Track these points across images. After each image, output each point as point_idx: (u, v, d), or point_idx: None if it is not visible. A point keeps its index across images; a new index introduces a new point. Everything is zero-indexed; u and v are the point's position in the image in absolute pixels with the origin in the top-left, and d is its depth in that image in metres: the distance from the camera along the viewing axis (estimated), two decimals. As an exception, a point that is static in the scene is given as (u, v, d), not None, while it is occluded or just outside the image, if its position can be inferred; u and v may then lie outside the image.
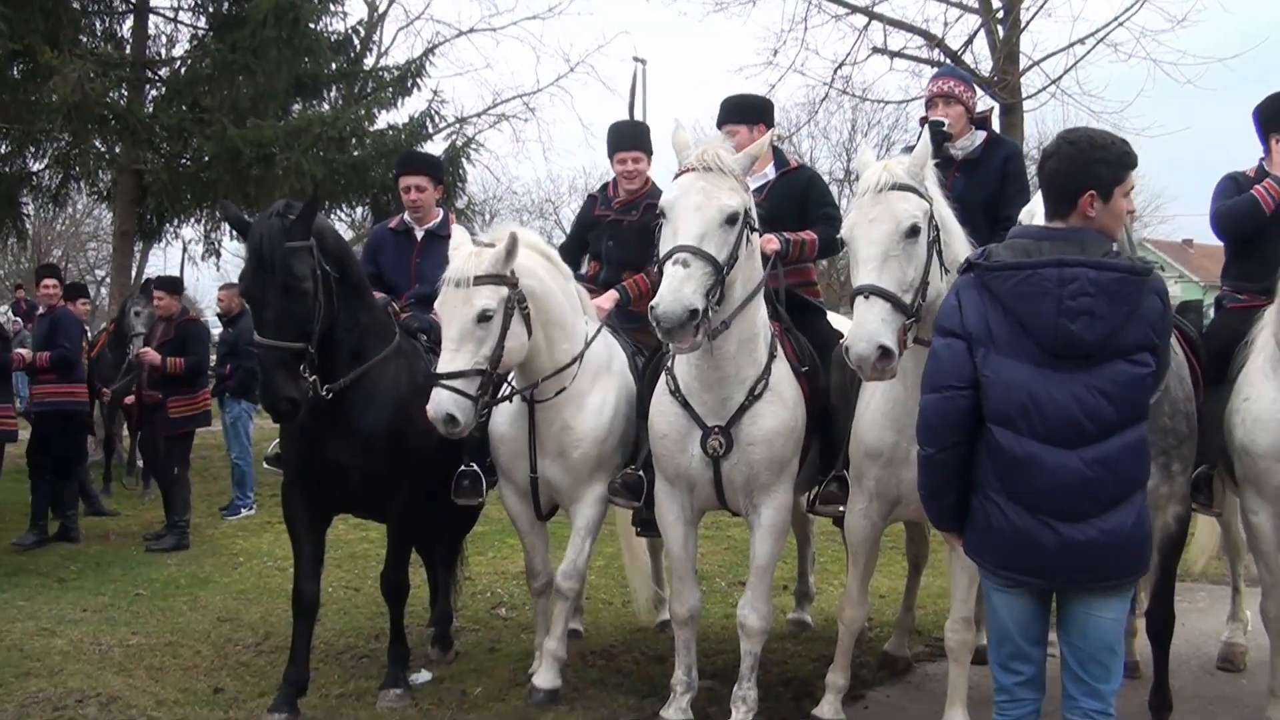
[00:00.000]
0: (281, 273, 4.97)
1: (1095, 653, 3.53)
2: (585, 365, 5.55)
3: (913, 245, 4.15)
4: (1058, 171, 3.54)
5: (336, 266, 5.24)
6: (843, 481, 5.24)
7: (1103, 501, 3.41)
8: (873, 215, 4.16)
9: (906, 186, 4.22)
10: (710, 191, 4.58)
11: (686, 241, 4.47)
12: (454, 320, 4.99)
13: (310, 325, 5.07)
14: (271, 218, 5.07)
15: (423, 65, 17.49)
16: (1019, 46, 17.10)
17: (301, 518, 5.64)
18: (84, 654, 6.51)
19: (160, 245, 22.72)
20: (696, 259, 4.44)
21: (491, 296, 5.01)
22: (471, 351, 4.97)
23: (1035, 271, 3.41)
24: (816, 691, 5.53)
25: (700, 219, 4.52)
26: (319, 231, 5.20)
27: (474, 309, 4.96)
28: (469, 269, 5.00)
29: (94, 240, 36.90)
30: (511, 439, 5.63)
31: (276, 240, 4.99)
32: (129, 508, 11.76)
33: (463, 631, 6.93)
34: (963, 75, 6.27)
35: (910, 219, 4.15)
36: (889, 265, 4.09)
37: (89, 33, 15.90)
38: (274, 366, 5.01)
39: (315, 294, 5.07)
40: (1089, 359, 3.39)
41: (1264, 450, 4.85)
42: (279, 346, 4.99)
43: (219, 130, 14.06)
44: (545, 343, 5.37)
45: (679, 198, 4.60)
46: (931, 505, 3.74)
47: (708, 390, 5.00)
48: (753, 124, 5.79)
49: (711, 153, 4.66)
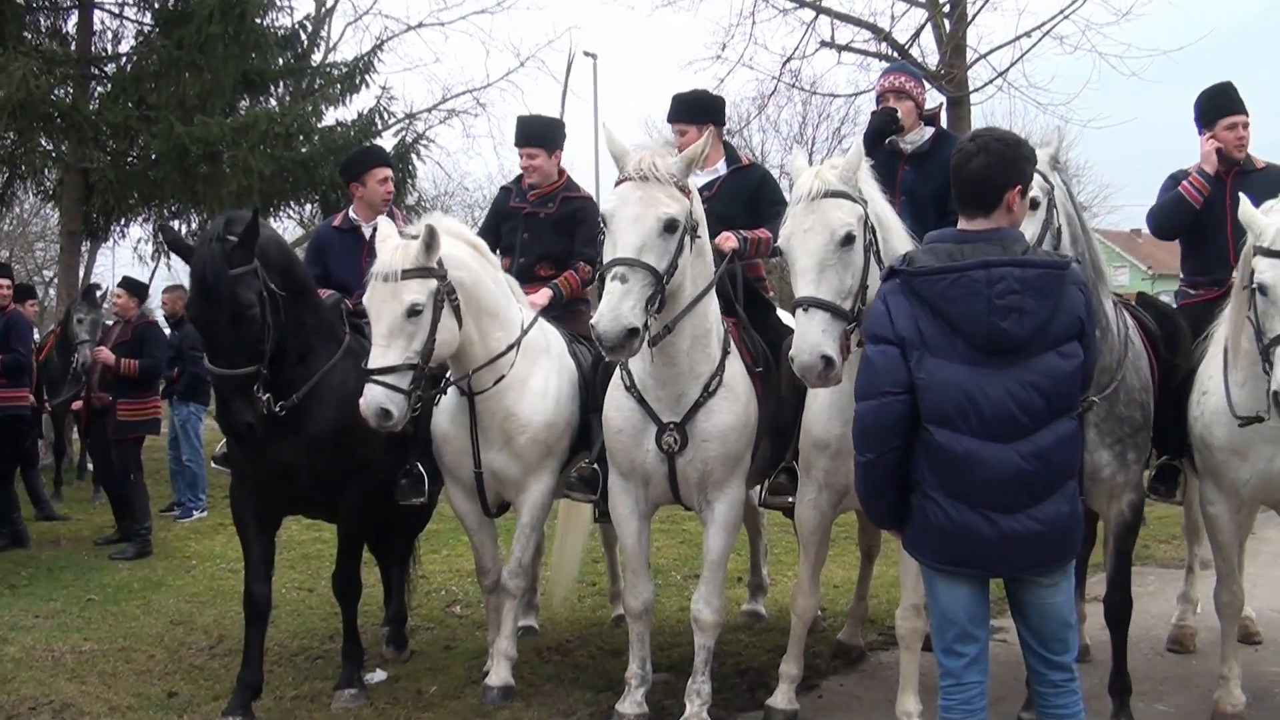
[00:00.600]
0: (228, 302, 4.95)
1: (1054, 631, 3.70)
2: (523, 351, 5.55)
3: (849, 253, 4.19)
4: (988, 168, 3.60)
5: (282, 281, 5.21)
6: (792, 473, 5.30)
7: (1039, 493, 3.53)
8: (807, 225, 4.19)
9: (839, 193, 4.25)
10: (648, 200, 4.58)
11: (625, 254, 4.49)
12: (383, 316, 4.97)
13: (261, 347, 5.07)
14: (212, 243, 5.03)
15: (371, 61, 17.42)
16: (965, 40, 17.24)
17: (251, 519, 5.60)
18: (36, 661, 6.45)
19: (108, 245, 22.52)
20: (634, 272, 4.45)
21: (420, 290, 4.99)
22: (402, 347, 4.96)
23: (963, 274, 3.49)
24: (771, 682, 5.58)
25: (638, 230, 4.52)
26: (262, 248, 5.15)
27: (403, 304, 4.95)
28: (396, 263, 4.97)
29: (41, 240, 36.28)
30: (454, 437, 5.61)
31: (220, 268, 4.95)
32: (80, 512, 11.65)
33: (418, 630, 6.94)
34: (913, 71, 6.35)
35: (844, 227, 4.18)
36: (826, 275, 4.14)
37: (33, 29, 15.69)
38: (230, 393, 5.03)
39: (263, 317, 5.06)
40: (1020, 354, 3.49)
41: (1221, 444, 4.97)
42: (232, 375, 5.01)
43: (165, 128, 13.93)
44: (478, 333, 5.35)
45: (617, 209, 4.60)
46: (872, 506, 3.82)
47: (663, 386, 5.03)
48: (702, 124, 5.79)
49: (648, 161, 4.65)
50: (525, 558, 5.74)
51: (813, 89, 19.97)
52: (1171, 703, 5.64)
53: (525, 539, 5.71)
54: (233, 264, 4.98)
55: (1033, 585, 3.66)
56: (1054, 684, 3.73)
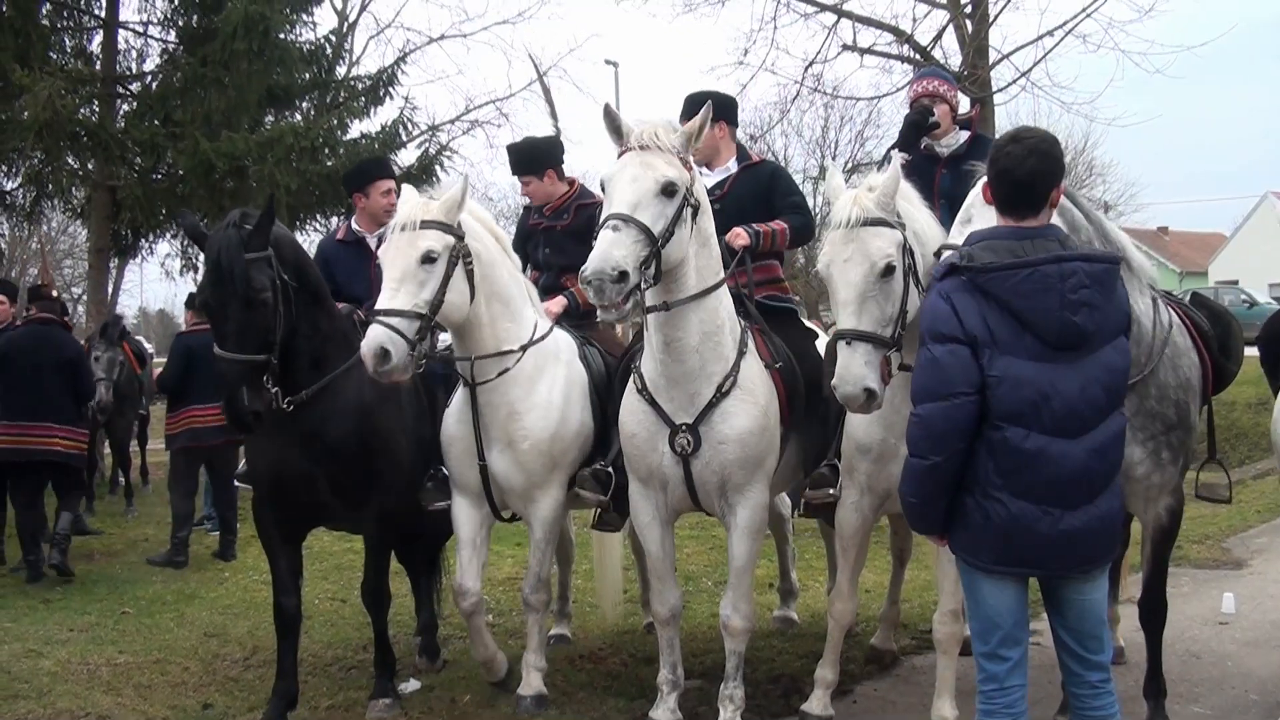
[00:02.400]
0: (241, 284, 4.95)
1: (1092, 630, 3.71)
2: (531, 351, 5.50)
3: (889, 283, 4.23)
4: (1040, 170, 3.61)
5: (295, 275, 5.22)
6: (834, 468, 5.25)
7: (1096, 488, 3.56)
8: (846, 255, 4.22)
9: (878, 220, 4.26)
10: (646, 164, 4.59)
11: (619, 209, 4.48)
12: (396, 261, 4.97)
13: (271, 336, 5.06)
14: (228, 229, 5.05)
15: (394, 73, 17.47)
16: (988, 40, 17.21)
17: (275, 533, 5.61)
18: (72, 674, 6.48)
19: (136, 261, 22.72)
20: (627, 225, 4.44)
21: (436, 240, 5.00)
22: (412, 293, 4.94)
23: (1036, 269, 3.49)
24: (805, 687, 5.56)
25: (634, 188, 4.53)
26: (276, 241, 5.17)
27: (418, 250, 4.95)
28: (416, 214, 5.01)
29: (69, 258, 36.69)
30: (460, 438, 5.55)
31: (235, 252, 4.96)
32: (113, 526, 11.71)
33: (450, 639, 6.94)
34: (945, 75, 6.36)
35: (885, 258, 4.20)
36: (867, 306, 4.18)
37: (59, 49, 15.84)
38: (237, 380, 4.99)
39: (275, 305, 5.06)
40: (1085, 349, 3.51)
41: None
42: (241, 360, 4.99)
43: (192, 144, 14.02)
44: (487, 315, 5.33)
45: (616, 172, 4.61)
46: (922, 511, 3.75)
47: (674, 386, 5.00)
48: (714, 121, 5.79)
49: (650, 131, 4.68)
50: (543, 572, 5.72)
51: (834, 93, 19.98)
52: (1207, 704, 5.60)
53: (540, 553, 5.68)
54: (247, 249, 4.99)
55: (1073, 582, 3.66)
56: (1091, 685, 3.73)
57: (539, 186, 6.43)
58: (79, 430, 9.39)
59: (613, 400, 5.50)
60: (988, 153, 5.77)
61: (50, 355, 9.18)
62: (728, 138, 5.93)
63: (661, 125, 4.74)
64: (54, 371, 9.15)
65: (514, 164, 6.50)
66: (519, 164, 6.48)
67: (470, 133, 21.90)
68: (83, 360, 9.67)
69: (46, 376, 9.12)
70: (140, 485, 13.69)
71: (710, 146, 5.81)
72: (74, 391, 9.31)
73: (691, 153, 4.80)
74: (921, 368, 3.65)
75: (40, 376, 9.09)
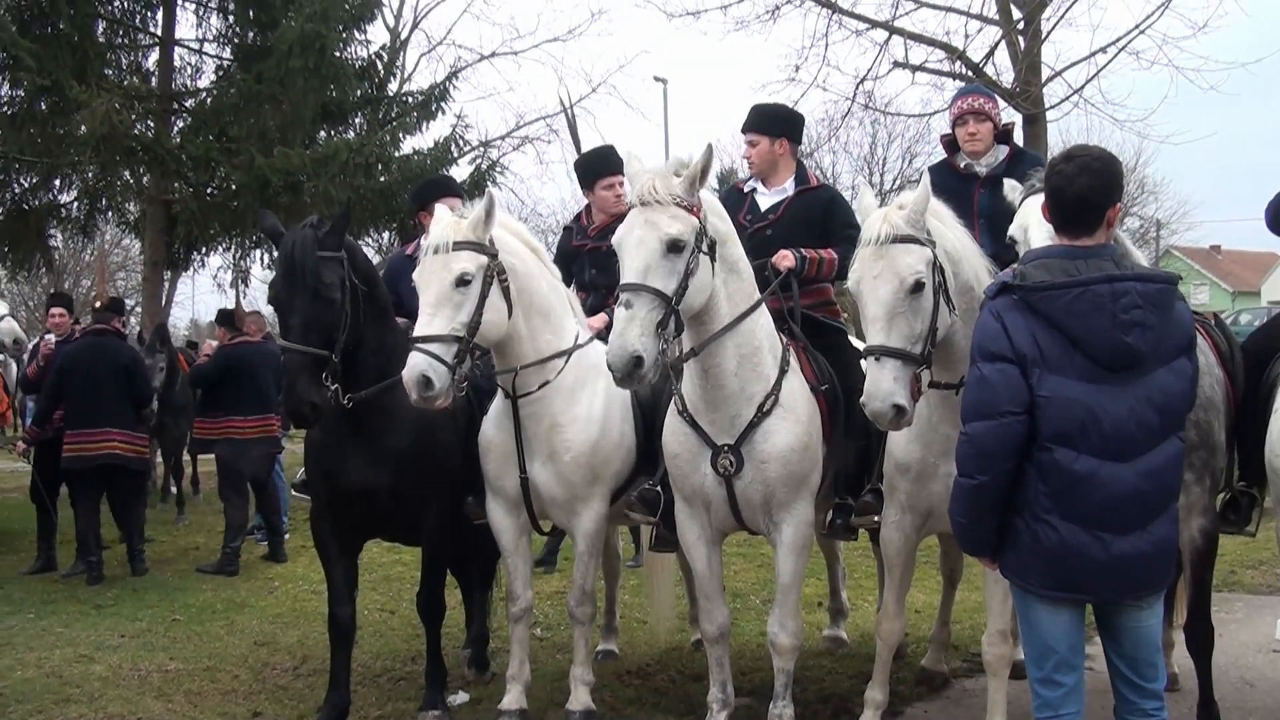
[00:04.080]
0: (311, 279, 5.04)
1: (1147, 656, 3.65)
2: (574, 363, 5.48)
3: (918, 299, 4.20)
4: (1092, 188, 3.57)
5: (365, 283, 5.31)
6: (878, 493, 5.25)
7: (1149, 513, 3.50)
8: (876, 272, 4.20)
9: (908, 238, 4.24)
10: (650, 223, 4.55)
11: (629, 279, 4.48)
12: (432, 285, 4.95)
13: (335, 334, 5.12)
14: (305, 228, 5.17)
15: (446, 90, 17.64)
16: (1040, 57, 17.05)
17: (332, 543, 5.67)
18: (123, 679, 6.56)
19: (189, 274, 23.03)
20: (639, 296, 4.43)
21: (470, 261, 4.97)
22: (448, 316, 4.92)
23: (1088, 288, 3.45)
24: (855, 708, 5.51)
25: (642, 253, 4.51)
26: (350, 249, 5.28)
27: (452, 273, 4.93)
28: (448, 235, 4.97)
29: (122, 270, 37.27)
30: (499, 443, 5.53)
31: (308, 248, 5.07)
32: (164, 534, 11.84)
33: (499, 652, 6.94)
34: (986, 91, 6.31)
35: (914, 275, 4.18)
36: (896, 323, 4.16)
37: (115, 66, 16.12)
38: (298, 371, 5.06)
39: (342, 303, 5.13)
40: (1138, 370, 3.46)
41: None
42: (304, 351, 5.05)
43: (247, 159, 14.21)
44: (526, 329, 5.30)
45: (624, 236, 4.60)
46: (971, 532, 3.73)
47: (714, 409, 4.98)
48: (776, 136, 5.79)
49: (649, 185, 4.61)
50: (588, 585, 5.70)
51: (885, 109, 19.89)
52: (1261, 732, 5.49)
53: (585, 567, 5.67)
54: (322, 247, 5.10)
55: (1128, 609, 3.61)
56: (1145, 713, 3.67)
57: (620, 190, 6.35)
58: (137, 435, 9.70)
59: (659, 415, 5.49)
60: (1027, 168, 5.82)
61: (107, 364, 9.51)
62: (788, 155, 5.88)
63: (660, 176, 4.65)
64: (111, 379, 9.46)
65: (611, 164, 6.40)
66: (618, 164, 6.33)
67: (520, 149, 22.05)
68: (138, 367, 9.95)
69: (104, 384, 9.42)
70: (191, 494, 13.86)
71: (769, 162, 5.79)
72: (131, 397, 9.60)
73: (696, 195, 4.70)
74: (971, 386, 3.64)
75: (98, 385, 9.39)
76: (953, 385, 4.55)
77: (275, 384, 9.87)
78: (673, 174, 4.68)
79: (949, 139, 6.07)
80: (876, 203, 4.53)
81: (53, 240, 18.12)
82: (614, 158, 6.45)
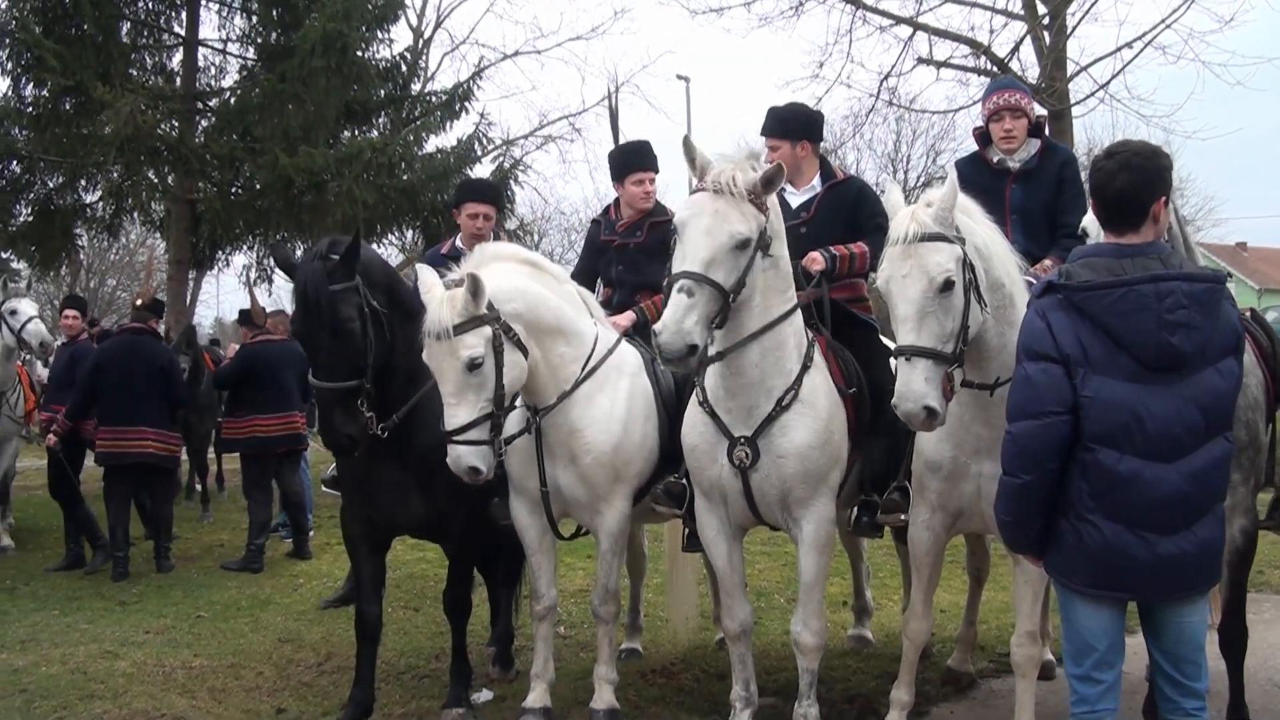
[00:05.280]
0: (328, 316, 5.05)
1: (1190, 654, 3.63)
2: (592, 364, 5.45)
3: (948, 298, 4.15)
4: (1133, 185, 3.54)
5: (386, 299, 5.29)
6: (905, 491, 5.20)
7: (1193, 515, 3.48)
8: (905, 271, 4.16)
9: (936, 236, 4.19)
10: (722, 214, 4.55)
11: (693, 268, 4.47)
12: (446, 374, 4.89)
13: (362, 362, 5.14)
14: (314, 261, 5.16)
15: (470, 89, 17.65)
16: (1066, 52, 16.96)
17: (361, 541, 5.70)
18: (147, 676, 6.58)
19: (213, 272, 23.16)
20: (702, 288, 4.45)
21: (476, 342, 4.87)
22: (472, 401, 4.90)
23: (1132, 288, 3.43)
24: (880, 708, 5.47)
25: (709, 244, 4.51)
26: (365, 267, 5.24)
27: (461, 360, 4.85)
28: (445, 319, 4.82)
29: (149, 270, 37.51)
30: (520, 446, 5.50)
31: (320, 284, 5.07)
32: (189, 531, 11.89)
33: (523, 650, 6.93)
34: (1022, 86, 6.17)
35: (943, 273, 4.14)
36: (926, 322, 4.12)
37: (139, 66, 16.22)
38: (331, 406, 5.12)
39: (364, 332, 5.13)
40: (1183, 371, 3.44)
41: None
42: (334, 388, 5.09)
43: (271, 159, 14.26)
44: (541, 353, 5.27)
45: (690, 218, 4.58)
46: (1015, 530, 3.73)
47: (732, 398, 4.96)
48: (796, 140, 5.72)
49: (727, 174, 4.60)
50: (611, 584, 5.69)
51: (910, 105, 19.81)
52: (1295, 736, 5.42)
53: (608, 565, 5.65)
54: (333, 280, 5.09)
55: (1172, 605, 3.59)
56: (1186, 713, 3.64)
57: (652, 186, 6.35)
58: (171, 434, 9.84)
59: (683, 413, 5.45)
60: (1059, 162, 5.75)
61: (143, 364, 9.61)
62: (810, 155, 5.83)
63: (739, 168, 4.65)
64: (146, 379, 9.58)
65: (643, 159, 6.35)
66: (650, 160, 6.35)
67: (543, 148, 22.11)
68: (174, 368, 10.05)
69: (139, 383, 9.55)
70: (216, 492, 13.94)
71: (793, 166, 5.73)
72: (166, 397, 9.71)
73: (768, 194, 4.72)
74: (1016, 385, 3.63)
75: (133, 383, 9.52)
76: (986, 385, 4.51)
77: (298, 382, 9.93)
78: (750, 167, 4.69)
79: (981, 132, 5.97)
80: (903, 200, 4.49)
81: (78, 240, 18.23)
82: (648, 154, 6.42)
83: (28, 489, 13.23)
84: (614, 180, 6.44)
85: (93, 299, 34.91)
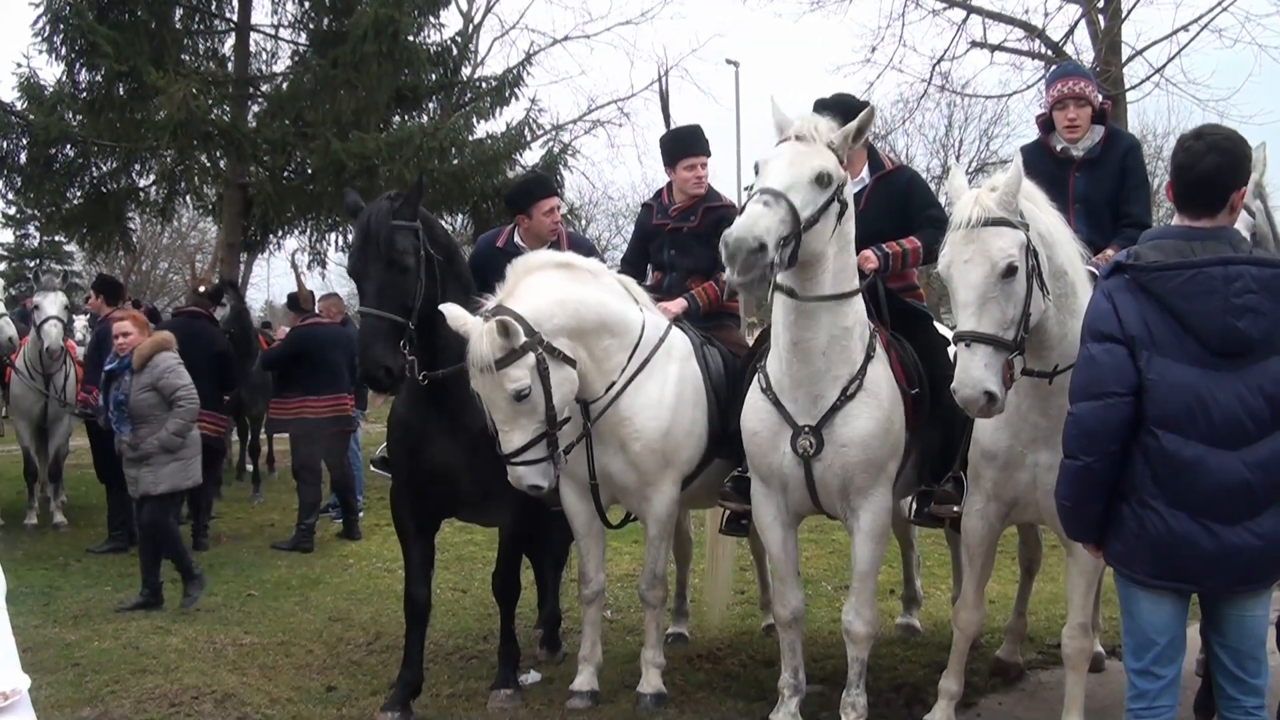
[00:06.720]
0: (385, 246, 5.13)
1: (1252, 650, 3.57)
2: (640, 352, 5.46)
3: (1010, 284, 4.10)
4: (1220, 168, 3.48)
5: (444, 255, 5.38)
6: (959, 482, 5.16)
7: (1258, 505, 3.41)
8: (967, 256, 4.12)
9: (1000, 220, 4.14)
10: (804, 153, 4.61)
11: (773, 185, 4.48)
12: (496, 403, 4.96)
13: (411, 301, 5.18)
14: (381, 200, 5.30)
15: (520, 74, 17.63)
16: (1121, 36, 16.72)
17: (410, 522, 5.73)
18: (198, 652, 6.67)
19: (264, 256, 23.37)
20: (777, 201, 4.44)
21: (520, 373, 4.91)
22: (525, 426, 4.97)
23: (1200, 271, 3.38)
24: (928, 698, 5.45)
25: (790, 171, 4.53)
26: (428, 222, 5.38)
27: (508, 392, 4.89)
28: (486, 354, 4.85)
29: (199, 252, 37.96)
30: (569, 432, 5.44)
31: (383, 217, 5.18)
32: (240, 511, 12.04)
33: (570, 633, 6.96)
34: (1087, 73, 6.03)
35: (1006, 259, 4.08)
36: (988, 308, 4.08)
37: (192, 52, 16.32)
38: (372, 335, 5.14)
39: (417, 271, 5.19)
40: (1250, 357, 3.38)
41: None
42: (379, 315, 5.12)
43: (322, 144, 14.32)
44: (587, 352, 5.28)
45: (773, 156, 4.64)
46: (1076, 515, 3.68)
47: (798, 387, 4.95)
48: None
49: (810, 124, 4.69)
50: (659, 568, 5.70)
51: (962, 90, 19.60)
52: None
53: (655, 550, 5.67)
54: (396, 217, 5.19)
55: (1236, 597, 3.53)
56: (1245, 711, 3.58)
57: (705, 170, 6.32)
58: (220, 416, 10.07)
59: (736, 401, 5.43)
60: (1123, 151, 5.64)
61: (199, 348, 9.58)
62: (859, 147, 5.77)
63: (823, 119, 4.74)
64: (202, 363, 9.51)
65: (696, 145, 6.30)
66: (702, 145, 6.31)
67: (592, 132, 22.07)
68: (229, 354, 10.21)
69: (194, 367, 9.46)
70: (267, 472, 14.08)
71: None
72: (219, 381, 9.84)
73: (847, 154, 4.77)
74: (1079, 366, 3.59)
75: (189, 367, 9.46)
76: (1045, 373, 4.46)
77: (348, 364, 10.00)
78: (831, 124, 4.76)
79: (1044, 119, 5.84)
80: (967, 184, 4.44)
81: (130, 223, 18.41)
82: (700, 138, 6.37)
83: (79, 467, 13.42)
84: (666, 165, 6.40)
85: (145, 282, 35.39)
